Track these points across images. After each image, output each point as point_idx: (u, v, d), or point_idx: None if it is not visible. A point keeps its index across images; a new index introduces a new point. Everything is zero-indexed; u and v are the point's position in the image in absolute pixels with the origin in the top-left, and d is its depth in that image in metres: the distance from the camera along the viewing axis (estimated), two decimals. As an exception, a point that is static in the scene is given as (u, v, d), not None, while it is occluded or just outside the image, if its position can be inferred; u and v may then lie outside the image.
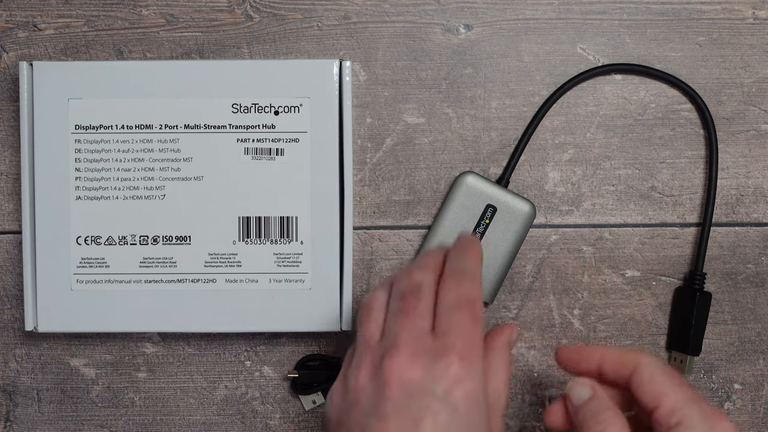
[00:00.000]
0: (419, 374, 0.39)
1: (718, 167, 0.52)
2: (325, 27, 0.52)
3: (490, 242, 0.51)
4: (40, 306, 0.51)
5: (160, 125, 0.51)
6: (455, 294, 0.42)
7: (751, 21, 0.52)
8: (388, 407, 0.39)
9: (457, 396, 0.39)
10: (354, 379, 0.41)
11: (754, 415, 0.53)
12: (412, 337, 0.40)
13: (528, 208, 0.51)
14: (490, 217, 0.51)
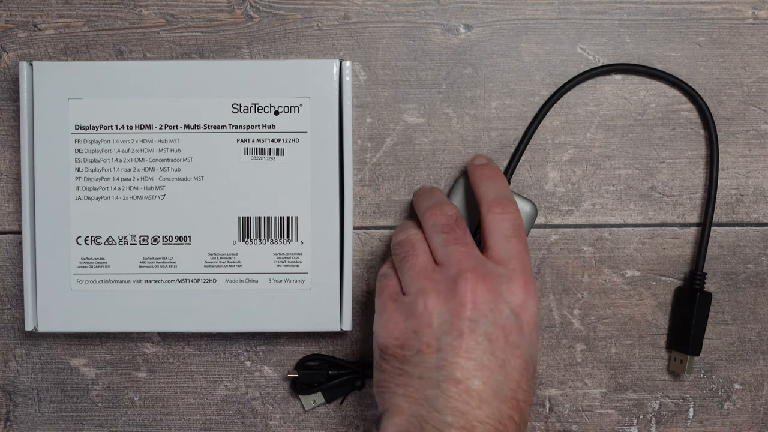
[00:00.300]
0: (491, 296, 0.42)
1: (718, 167, 0.52)
2: (325, 27, 0.52)
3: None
4: (40, 306, 0.51)
5: (160, 125, 0.51)
6: (509, 222, 0.45)
7: (751, 21, 0.52)
8: (464, 326, 0.42)
9: (524, 318, 0.43)
10: (422, 304, 0.43)
11: (754, 415, 0.53)
12: (476, 263, 0.43)
13: (529, 208, 0.50)
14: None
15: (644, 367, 0.53)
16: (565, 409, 0.54)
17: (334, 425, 0.54)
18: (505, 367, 0.42)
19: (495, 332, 0.42)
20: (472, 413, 0.40)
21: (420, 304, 0.43)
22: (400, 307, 0.44)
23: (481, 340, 0.41)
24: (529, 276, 0.43)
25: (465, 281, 0.42)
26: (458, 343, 0.41)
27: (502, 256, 0.44)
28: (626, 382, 0.54)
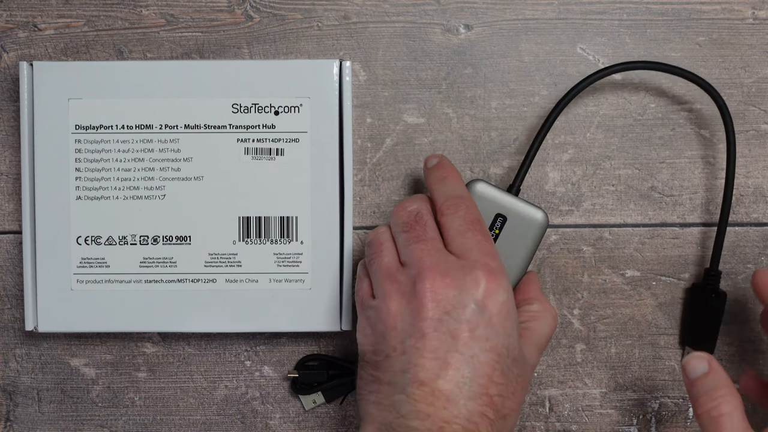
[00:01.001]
0: (453, 292, 0.41)
1: (735, 163, 0.51)
2: (325, 27, 0.52)
3: (500, 253, 0.48)
4: (40, 306, 0.51)
5: (160, 125, 0.51)
6: (460, 218, 0.44)
7: (750, 21, 0.52)
8: (426, 326, 0.40)
9: (491, 307, 0.41)
10: (385, 308, 0.42)
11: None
12: (436, 259, 0.42)
13: (540, 216, 0.48)
14: (500, 226, 0.48)
15: (644, 367, 0.53)
16: (565, 409, 0.54)
17: (334, 425, 0.54)
18: (473, 363, 0.40)
19: (459, 328, 0.40)
20: (439, 414, 0.39)
21: (384, 307, 0.42)
22: (369, 312, 0.43)
23: (444, 338, 0.40)
24: (493, 263, 0.42)
25: (423, 280, 0.41)
26: (422, 344, 0.40)
27: (461, 249, 0.42)
28: (626, 382, 0.54)
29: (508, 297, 0.42)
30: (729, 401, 0.42)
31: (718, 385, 0.43)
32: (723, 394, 0.42)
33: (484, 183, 0.48)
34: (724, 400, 0.42)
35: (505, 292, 0.42)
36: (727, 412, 0.42)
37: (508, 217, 0.48)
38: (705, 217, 0.53)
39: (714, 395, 0.42)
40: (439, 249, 0.43)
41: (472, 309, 0.41)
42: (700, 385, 0.43)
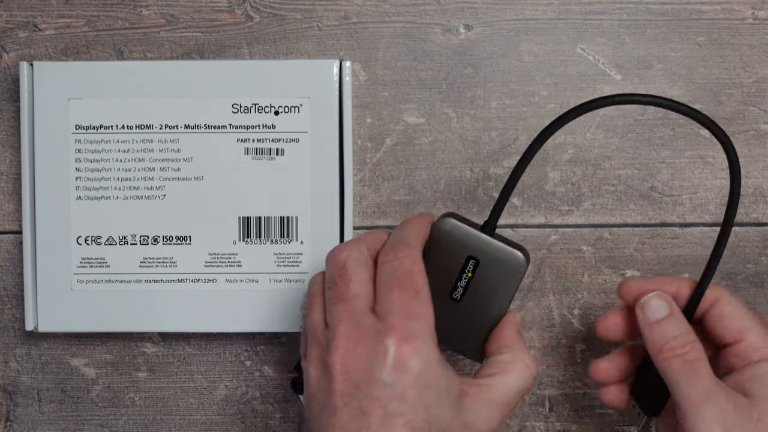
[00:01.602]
0: (364, 362, 0.37)
1: (740, 192, 0.43)
2: (325, 27, 0.52)
3: (472, 301, 0.43)
4: (40, 306, 0.51)
5: (160, 125, 0.51)
6: (392, 267, 0.39)
7: (750, 21, 0.52)
8: (337, 400, 0.37)
9: (404, 380, 0.36)
10: (308, 373, 0.39)
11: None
12: (352, 323, 0.38)
13: (518, 259, 0.42)
14: (472, 270, 0.42)
15: (644, 367, 0.53)
16: (565, 409, 0.54)
17: (334, 425, 0.54)
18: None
19: (370, 404, 0.36)
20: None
21: (308, 373, 0.39)
22: (304, 370, 0.41)
23: (355, 414, 0.36)
24: (411, 328, 0.37)
25: (335, 350, 0.37)
26: (333, 420, 0.37)
27: (382, 310, 0.38)
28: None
29: (427, 364, 0.37)
30: (698, 347, 0.41)
31: (683, 329, 0.41)
32: (692, 339, 0.41)
33: (455, 220, 0.42)
34: (694, 346, 0.41)
35: (421, 361, 0.36)
36: (701, 357, 0.41)
37: (480, 260, 0.42)
38: (705, 217, 0.53)
39: (683, 340, 0.41)
40: (359, 310, 0.38)
41: (384, 383, 0.36)
42: (663, 328, 0.41)
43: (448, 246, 0.42)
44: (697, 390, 0.40)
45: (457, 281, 0.42)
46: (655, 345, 0.41)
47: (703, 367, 0.40)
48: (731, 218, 0.42)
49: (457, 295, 0.42)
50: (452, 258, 0.42)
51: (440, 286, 0.42)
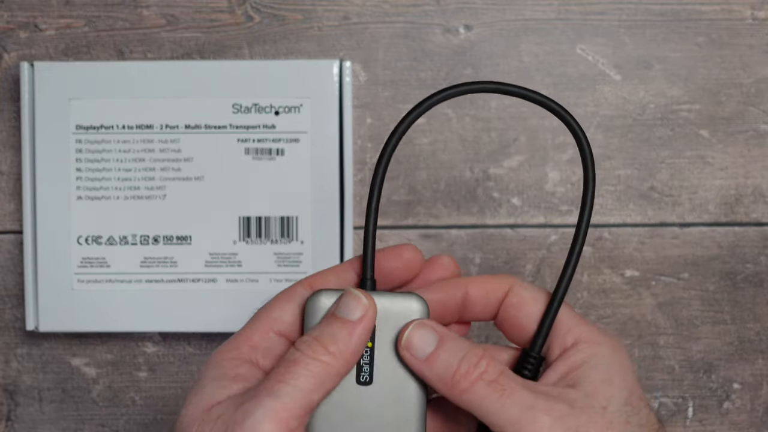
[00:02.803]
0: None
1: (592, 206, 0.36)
2: (325, 27, 0.52)
3: (385, 369, 0.35)
4: (41, 306, 0.51)
5: (160, 125, 0.51)
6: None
7: (750, 21, 0.52)
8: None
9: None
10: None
11: (753, 414, 0.54)
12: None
13: (416, 304, 0.35)
14: (371, 338, 0.34)
15: (643, 366, 0.54)
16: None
17: (334, 424, 0.54)
18: None
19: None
20: None
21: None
22: None
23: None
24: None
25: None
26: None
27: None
28: (626, 381, 0.54)
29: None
30: (492, 360, 0.33)
31: (465, 347, 0.33)
32: (481, 353, 0.33)
33: (327, 292, 0.35)
34: (488, 360, 0.33)
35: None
36: (502, 368, 0.33)
37: (376, 323, 0.35)
38: (704, 217, 0.53)
39: (472, 359, 0.33)
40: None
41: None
42: (443, 359, 0.33)
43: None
44: (515, 410, 0.32)
45: (359, 359, 0.34)
46: (445, 380, 0.33)
47: (511, 381, 0.33)
48: (586, 216, 0.36)
49: (365, 377, 0.35)
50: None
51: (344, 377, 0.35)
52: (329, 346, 0.33)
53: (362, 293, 0.33)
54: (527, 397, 0.32)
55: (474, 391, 0.32)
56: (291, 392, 0.31)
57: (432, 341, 0.34)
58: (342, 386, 0.34)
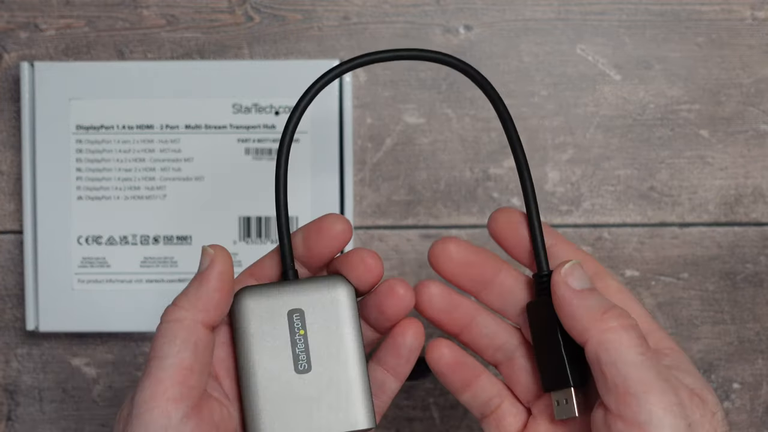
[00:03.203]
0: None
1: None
2: (325, 28, 0.52)
3: (319, 348, 0.35)
4: (41, 305, 0.51)
5: (160, 125, 0.51)
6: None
7: (750, 21, 0.52)
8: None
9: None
10: None
11: (752, 414, 0.54)
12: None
13: (340, 284, 0.36)
14: (300, 324, 0.36)
15: (643, 366, 0.54)
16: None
17: (334, 424, 0.54)
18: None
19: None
20: None
21: None
22: None
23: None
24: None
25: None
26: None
27: None
28: (625, 381, 0.54)
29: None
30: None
31: (612, 302, 0.34)
32: (622, 312, 0.34)
33: (250, 289, 0.36)
34: (630, 322, 0.33)
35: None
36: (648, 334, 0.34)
37: (302, 307, 0.36)
38: (704, 217, 0.53)
39: (625, 312, 0.33)
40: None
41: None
42: (597, 296, 0.34)
43: (261, 317, 0.36)
44: (651, 372, 0.32)
45: (294, 348, 0.35)
46: (593, 313, 0.33)
47: (653, 348, 0.33)
48: (522, 165, 0.38)
49: (302, 365, 0.35)
50: (273, 326, 0.36)
51: (281, 367, 0.35)
52: (180, 303, 0.34)
53: (210, 246, 0.35)
54: (665, 370, 0.33)
55: (619, 334, 0.32)
56: (159, 365, 0.32)
57: (587, 281, 0.34)
58: (281, 377, 0.35)
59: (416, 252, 0.53)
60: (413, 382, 0.53)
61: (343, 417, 0.35)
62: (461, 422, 0.53)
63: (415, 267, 0.53)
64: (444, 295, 0.37)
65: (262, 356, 0.35)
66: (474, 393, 0.38)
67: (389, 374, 0.37)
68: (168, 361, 0.32)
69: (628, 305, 0.35)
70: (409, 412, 0.53)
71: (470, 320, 0.38)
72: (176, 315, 0.34)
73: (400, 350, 0.36)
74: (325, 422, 0.35)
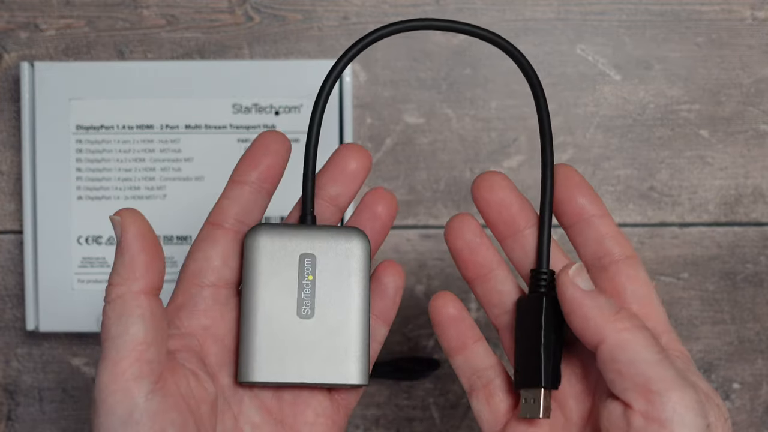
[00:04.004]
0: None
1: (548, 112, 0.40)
2: (325, 28, 0.52)
3: (326, 302, 0.35)
4: (41, 305, 0.51)
5: (160, 125, 0.51)
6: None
7: (749, 21, 0.52)
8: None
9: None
10: None
11: (752, 414, 0.54)
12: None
13: (356, 236, 0.35)
14: (311, 270, 0.35)
15: (643, 366, 0.54)
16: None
17: (334, 424, 0.54)
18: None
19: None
20: None
21: None
22: None
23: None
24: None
25: None
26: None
27: None
28: (625, 381, 0.54)
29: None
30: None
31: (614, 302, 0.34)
32: (632, 313, 0.34)
33: (268, 227, 0.36)
34: (640, 323, 0.33)
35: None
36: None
37: (315, 253, 0.35)
38: (704, 217, 0.53)
39: (629, 313, 0.33)
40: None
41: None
42: (605, 297, 0.34)
43: (274, 256, 0.35)
44: (670, 372, 0.32)
45: (300, 292, 0.35)
46: (605, 313, 0.33)
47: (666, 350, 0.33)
48: (548, 153, 0.39)
49: (306, 311, 0.35)
50: (283, 266, 0.35)
51: (284, 309, 0.35)
52: (113, 280, 0.32)
53: (116, 213, 0.33)
54: (681, 371, 0.33)
55: (635, 333, 0.32)
56: (112, 345, 0.31)
57: (591, 283, 0.34)
58: (282, 318, 0.34)
59: (416, 252, 0.53)
60: (413, 382, 0.53)
61: (336, 370, 0.34)
62: (461, 422, 0.53)
63: (415, 267, 0.53)
64: (476, 232, 0.37)
65: (267, 294, 0.35)
66: (467, 357, 0.38)
67: (378, 320, 0.37)
68: (120, 340, 0.31)
69: (649, 299, 0.36)
70: (409, 412, 0.53)
71: (489, 270, 0.37)
72: (114, 293, 0.32)
73: (387, 291, 0.36)
74: (318, 371, 0.34)
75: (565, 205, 0.38)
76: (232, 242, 0.35)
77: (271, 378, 0.34)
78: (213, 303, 0.35)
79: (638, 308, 0.35)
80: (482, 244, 0.37)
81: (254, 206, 0.36)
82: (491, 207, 0.37)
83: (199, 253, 0.35)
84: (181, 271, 0.36)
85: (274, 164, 0.36)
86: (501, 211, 0.37)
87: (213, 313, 0.35)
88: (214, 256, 0.35)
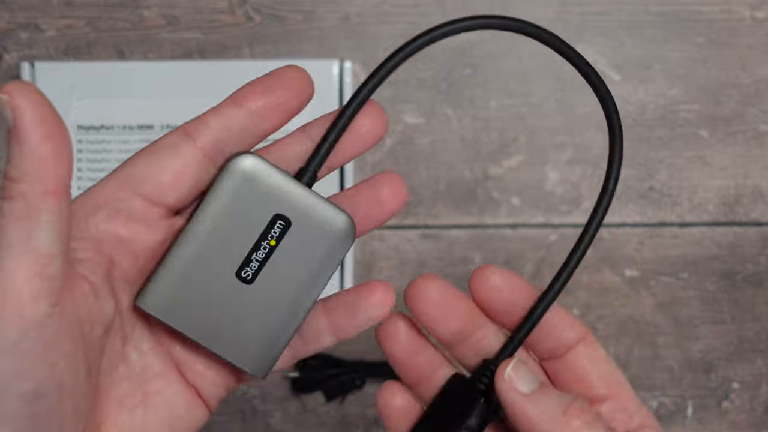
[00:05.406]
0: None
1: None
2: (325, 28, 0.52)
3: (273, 277, 0.29)
4: (42, 305, 0.51)
5: (161, 125, 0.51)
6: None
7: (749, 22, 0.52)
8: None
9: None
10: None
11: (752, 414, 0.54)
12: None
13: (342, 223, 0.29)
14: (277, 236, 0.29)
15: (643, 366, 0.54)
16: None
17: (334, 424, 0.54)
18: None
19: None
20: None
21: None
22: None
23: None
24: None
25: None
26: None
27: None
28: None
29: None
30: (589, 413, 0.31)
31: (566, 395, 0.31)
32: (583, 406, 0.31)
33: (260, 160, 0.29)
34: (593, 416, 0.31)
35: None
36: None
37: (293, 221, 0.29)
38: (704, 217, 0.53)
39: (585, 405, 0.31)
40: None
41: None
42: (552, 395, 0.31)
43: (248, 196, 0.28)
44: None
45: (252, 252, 0.29)
46: (553, 414, 0.30)
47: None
48: (608, 195, 0.32)
49: (248, 273, 0.29)
50: (251, 215, 0.29)
51: (225, 259, 0.29)
52: (11, 174, 0.24)
53: (2, 91, 0.24)
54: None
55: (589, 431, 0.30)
56: (7, 254, 0.24)
57: (534, 378, 0.31)
58: (217, 270, 0.29)
59: (416, 252, 0.53)
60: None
61: (238, 348, 0.30)
62: (461, 422, 0.53)
63: (415, 267, 0.53)
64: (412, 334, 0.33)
65: (217, 235, 0.29)
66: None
67: (329, 330, 0.32)
68: (17, 249, 0.24)
69: (615, 378, 0.34)
70: (409, 411, 0.53)
71: (431, 372, 0.33)
72: (15, 190, 0.24)
73: (357, 314, 0.32)
74: (219, 340, 0.29)
75: (509, 315, 0.34)
76: (196, 164, 0.28)
77: (169, 320, 0.29)
78: (140, 217, 0.28)
79: (606, 391, 0.33)
80: (420, 344, 0.33)
81: (242, 138, 0.29)
82: (429, 318, 0.32)
83: (151, 157, 0.28)
84: (118, 167, 0.28)
85: (286, 103, 0.29)
86: (441, 319, 0.32)
87: (136, 227, 0.28)
88: (166, 169, 0.28)
